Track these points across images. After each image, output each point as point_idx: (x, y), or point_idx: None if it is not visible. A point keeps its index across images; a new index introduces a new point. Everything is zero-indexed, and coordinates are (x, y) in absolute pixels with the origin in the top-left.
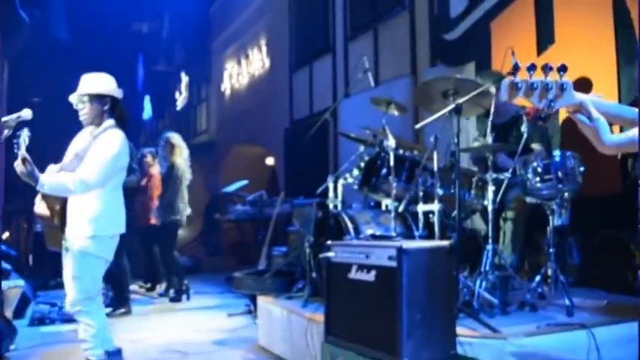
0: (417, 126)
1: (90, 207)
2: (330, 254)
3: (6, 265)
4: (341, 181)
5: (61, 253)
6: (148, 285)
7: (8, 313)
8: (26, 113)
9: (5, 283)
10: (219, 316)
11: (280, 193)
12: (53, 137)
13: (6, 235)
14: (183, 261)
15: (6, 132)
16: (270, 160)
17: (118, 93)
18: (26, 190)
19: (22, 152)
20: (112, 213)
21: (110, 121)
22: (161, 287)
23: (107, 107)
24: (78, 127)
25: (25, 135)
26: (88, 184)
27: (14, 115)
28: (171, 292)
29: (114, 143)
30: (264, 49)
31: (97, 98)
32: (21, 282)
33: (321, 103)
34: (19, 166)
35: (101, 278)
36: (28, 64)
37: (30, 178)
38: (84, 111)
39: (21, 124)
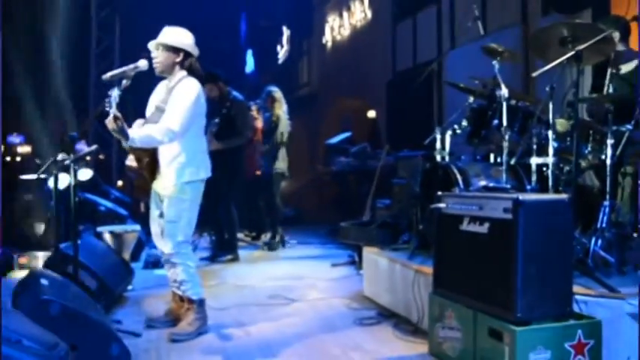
0: (535, 74)
1: (179, 154)
2: (441, 205)
3: (122, 211)
4: (449, 133)
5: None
6: (254, 234)
7: (126, 255)
8: (143, 64)
9: (123, 228)
10: (322, 265)
11: (385, 146)
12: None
13: (120, 183)
14: (287, 212)
15: (125, 82)
16: (371, 113)
17: (191, 48)
18: None
19: (114, 110)
20: (200, 157)
21: (183, 73)
22: (266, 236)
23: (179, 60)
24: None
25: (115, 94)
26: (174, 132)
27: (131, 66)
28: (267, 237)
29: (190, 91)
30: (365, 0)
31: (171, 49)
32: (137, 227)
33: (425, 54)
34: (110, 123)
35: (195, 221)
36: (138, 19)
37: (121, 134)
38: (157, 59)
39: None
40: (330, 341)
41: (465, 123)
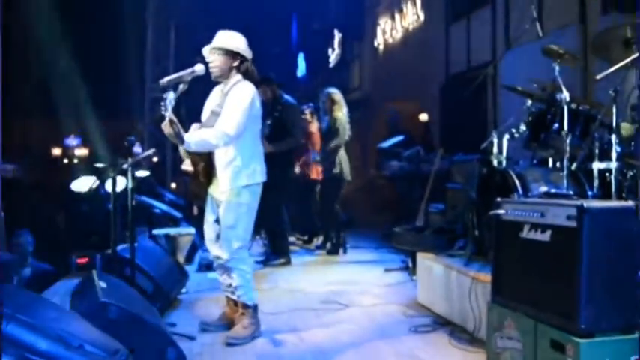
0: (599, 76)
1: (235, 159)
2: (500, 212)
3: (177, 214)
4: (506, 137)
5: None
6: (305, 237)
7: (180, 258)
8: (199, 68)
9: (177, 230)
10: (375, 270)
11: (439, 149)
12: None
13: (173, 186)
14: (341, 216)
15: (181, 87)
16: (423, 116)
17: (247, 52)
18: None
19: (169, 114)
20: (256, 161)
21: (238, 76)
22: (318, 240)
23: (235, 64)
24: None
25: (171, 97)
26: (229, 135)
27: (188, 70)
28: (328, 244)
29: (245, 95)
30: (418, 2)
31: (228, 54)
32: (192, 230)
33: (479, 56)
34: (166, 127)
35: (252, 226)
36: (192, 25)
37: (176, 138)
38: (214, 64)
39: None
40: (385, 348)
41: (523, 127)
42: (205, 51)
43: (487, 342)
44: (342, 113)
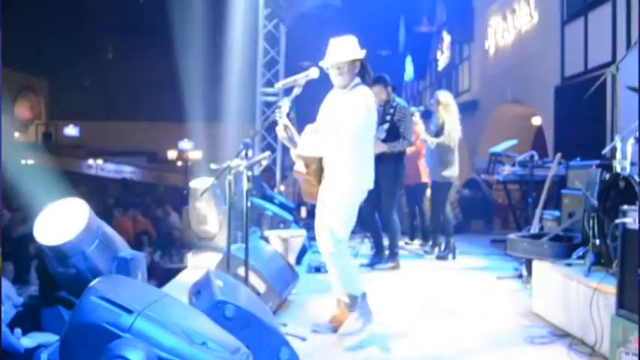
0: None
1: (344, 163)
2: (627, 220)
3: (287, 216)
4: (630, 141)
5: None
6: (414, 242)
7: (291, 259)
8: (313, 72)
9: (289, 232)
10: (487, 278)
11: (556, 154)
12: (321, 98)
13: (282, 188)
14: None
15: (296, 90)
16: (536, 120)
17: (361, 53)
18: None
19: (283, 119)
20: (364, 168)
21: (357, 79)
22: (427, 245)
23: (357, 70)
24: None
25: (285, 103)
26: (342, 140)
27: (303, 74)
28: (437, 250)
29: (362, 100)
30: (532, 1)
31: (351, 63)
32: (303, 232)
33: (598, 57)
34: (280, 131)
35: (351, 228)
36: (302, 29)
37: (289, 142)
38: (341, 77)
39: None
40: (499, 359)
41: None
42: (327, 64)
43: (610, 357)
44: (449, 115)
